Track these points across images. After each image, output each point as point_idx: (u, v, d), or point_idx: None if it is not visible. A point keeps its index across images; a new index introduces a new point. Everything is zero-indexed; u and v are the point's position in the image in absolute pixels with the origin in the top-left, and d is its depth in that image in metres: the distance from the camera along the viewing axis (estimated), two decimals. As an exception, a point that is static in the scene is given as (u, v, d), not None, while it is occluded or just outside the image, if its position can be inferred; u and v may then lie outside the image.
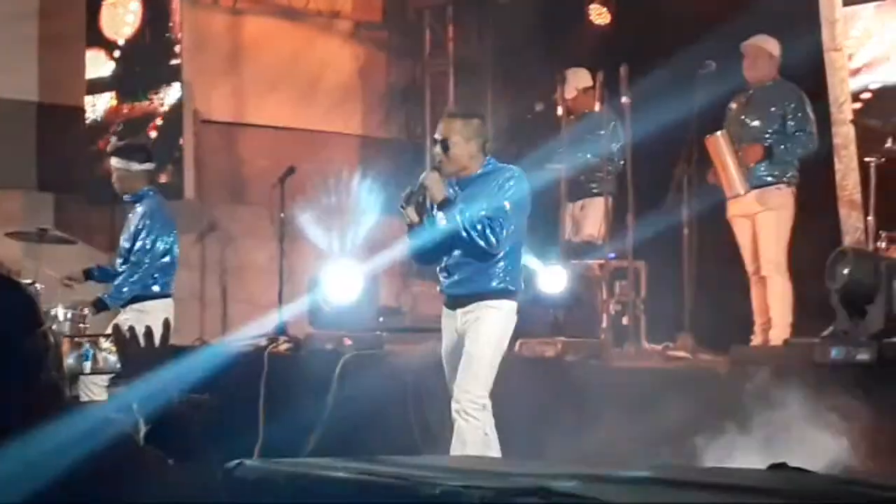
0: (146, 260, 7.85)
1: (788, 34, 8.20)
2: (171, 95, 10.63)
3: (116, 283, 7.89)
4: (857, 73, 8.44)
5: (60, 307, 7.77)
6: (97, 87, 11.01)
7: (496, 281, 6.22)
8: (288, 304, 9.49)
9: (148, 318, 7.23)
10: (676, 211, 8.20)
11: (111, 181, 8.02)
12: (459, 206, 6.19)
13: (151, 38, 10.72)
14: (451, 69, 12.23)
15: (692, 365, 7.56)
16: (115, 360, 3.16)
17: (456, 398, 6.15)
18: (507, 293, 6.24)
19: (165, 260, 7.95)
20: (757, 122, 8.13)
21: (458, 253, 6.26)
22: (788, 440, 5.94)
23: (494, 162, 6.39)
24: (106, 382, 7.25)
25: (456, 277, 6.29)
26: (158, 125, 10.66)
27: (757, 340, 8.01)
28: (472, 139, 6.32)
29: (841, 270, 6.58)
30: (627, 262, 8.63)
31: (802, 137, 8.02)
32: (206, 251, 11.05)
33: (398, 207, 6.44)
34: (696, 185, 8.17)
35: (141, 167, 7.97)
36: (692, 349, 7.89)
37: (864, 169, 7.87)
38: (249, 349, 8.82)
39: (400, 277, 11.65)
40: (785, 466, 4.75)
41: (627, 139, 8.79)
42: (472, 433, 6.07)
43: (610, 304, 8.49)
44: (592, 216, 9.32)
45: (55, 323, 7.52)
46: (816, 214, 8.45)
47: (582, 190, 9.42)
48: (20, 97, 10.85)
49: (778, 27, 8.21)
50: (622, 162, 8.99)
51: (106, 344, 3.23)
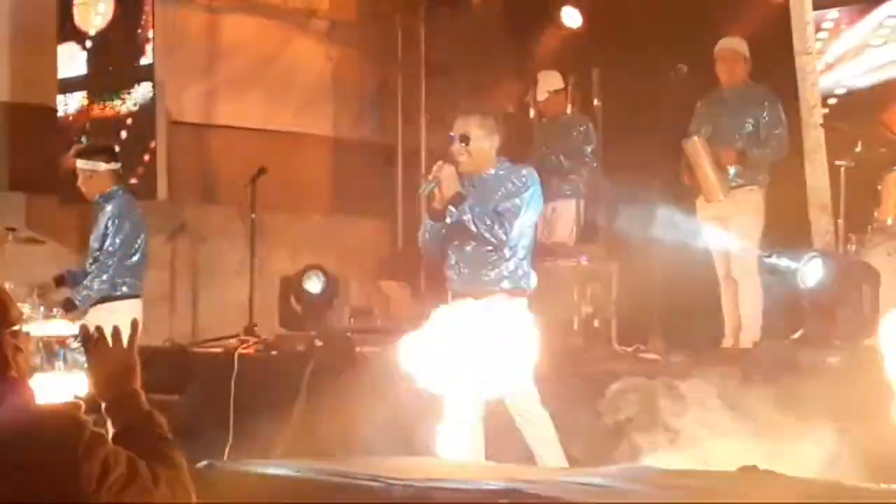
0: (114, 260, 7.81)
1: (759, 37, 8.23)
2: (143, 95, 10.58)
3: (85, 282, 7.84)
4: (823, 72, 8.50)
5: (28, 307, 7.72)
6: (69, 86, 10.95)
7: (509, 279, 6.24)
8: (258, 304, 9.48)
9: (116, 318, 7.13)
10: (648, 213, 8.20)
11: (77, 184, 7.99)
12: (470, 201, 6.18)
13: (124, 35, 10.67)
14: (422, 70, 12.23)
15: (659, 366, 7.56)
16: (84, 359, 3.14)
17: (514, 403, 6.15)
18: (520, 291, 6.26)
19: (135, 260, 7.91)
20: (730, 124, 8.14)
21: (469, 248, 6.25)
22: (759, 442, 5.96)
23: (508, 164, 6.39)
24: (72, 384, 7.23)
25: (468, 273, 6.28)
26: (130, 125, 10.61)
27: (727, 343, 8.02)
28: (490, 136, 6.33)
29: (811, 273, 6.60)
30: (599, 264, 8.64)
31: (773, 141, 8.04)
32: (176, 251, 11.01)
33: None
34: (667, 187, 8.18)
35: (107, 167, 7.93)
36: (663, 351, 7.91)
37: (834, 172, 7.91)
38: (219, 350, 8.80)
39: (371, 278, 11.63)
40: (755, 469, 4.77)
41: (599, 141, 8.81)
42: (543, 430, 6.15)
43: (581, 306, 8.49)
44: (564, 218, 9.33)
45: (25, 323, 7.47)
46: (787, 217, 8.48)
47: (554, 192, 9.41)
48: (-9, 97, 10.80)
49: (748, 30, 8.24)
50: (594, 164, 9.01)
51: (75, 344, 3.23)
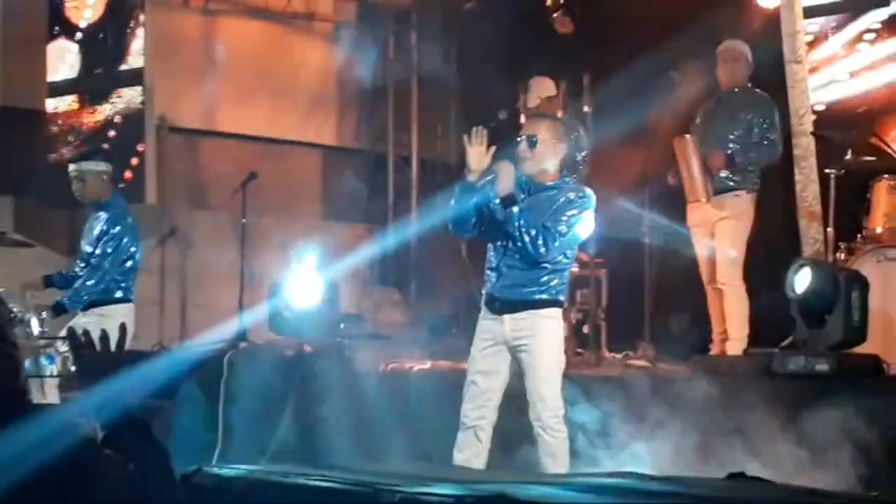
0: (107, 264, 7.81)
1: (750, 45, 8.24)
2: (132, 99, 10.58)
3: (76, 286, 7.84)
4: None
5: (18, 310, 7.70)
6: (59, 90, 10.96)
7: (548, 292, 6.16)
8: (248, 309, 9.47)
9: (108, 322, 7.18)
10: (638, 219, 8.21)
11: (72, 189, 7.99)
12: (521, 206, 6.08)
13: (114, 36, 10.68)
14: (414, 77, 12.25)
15: (652, 374, 7.57)
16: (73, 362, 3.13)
17: (538, 417, 6.08)
18: (555, 303, 6.19)
19: (128, 265, 7.91)
20: (723, 126, 8.12)
21: (513, 256, 6.17)
22: (747, 450, 5.97)
23: (570, 181, 6.32)
24: (58, 386, 7.21)
25: (507, 281, 6.18)
26: (119, 129, 10.62)
27: (714, 351, 8.02)
28: (559, 142, 6.25)
29: (800, 281, 6.61)
30: (589, 270, 8.65)
31: (765, 147, 8.01)
32: (166, 256, 11.00)
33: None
34: (657, 193, 8.18)
35: (99, 173, 7.93)
36: (652, 358, 7.91)
37: (823, 180, 7.92)
38: (209, 355, 8.79)
39: (361, 284, 11.64)
40: (743, 476, 4.78)
41: (590, 147, 8.81)
42: (560, 446, 6.08)
43: (571, 312, 8.49)
44: (554, 224, 9.32)
45: (15, 325, 7.45)
46: (776, 225, 8.50)
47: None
48: (-20, 100, 10.80)
49: (739, 38, 8.25)
50: (585, 170, 9.00)
51: (64, 347, 3.22)
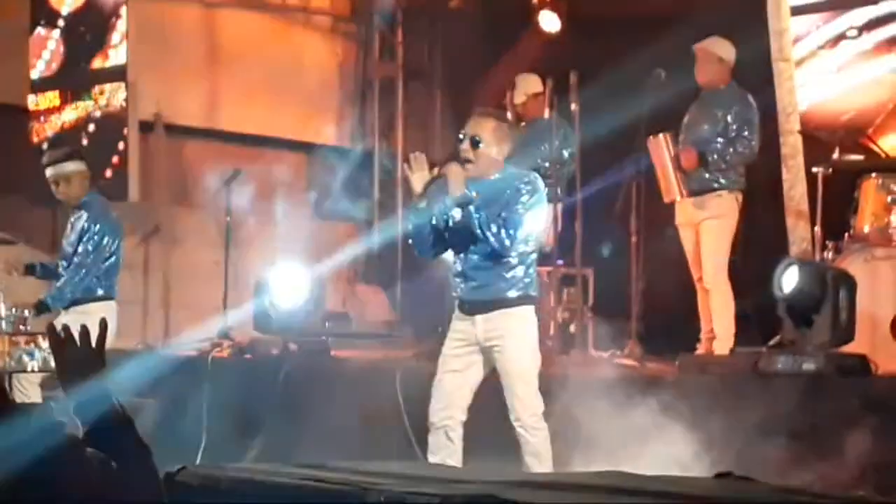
0: (89, 262, 7.78)
1: (738, 43, 8.22)
2: (115, 96, 10.53)
3: (59, 284, 7.82)
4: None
5: (3, 308, 7.65)
6: (40, 85, 10.90)
7: (516, 288, 6.11)
8: (233, 308, 9.43)
9: (90, 320, 7.07)
10: (625, 218, 8.20)
11: (53, 190, 7.95)
12: (476, 204, 6.02)
13: (96, 31, 10.63)
14: (400, 74, 12.22)
15: (639, 373, 7.55)
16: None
17: (518, 418, 6.03)
18: (528, 299, 6.15)
19: (109, 262, 7.88)
20: (704, 126, 8.12)
21: (475, 257, 6.13)
22: (734, 449, 5.95)
23: (513, 168, 6.26)
24: (38, 380, 7.17)
25: (475, 283, 6.15)
26: (102, 125, 10.56)
27: (701, 349, 8.01)
28: (502, 143, 6.20)
29: (788, 280, 6.59)
30: (576, 268, 8.63)
31: (738, 143, 7.96)
32: (149, 254, 10.95)
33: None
34: (644, 192, 8.17)
35: (76, 172, 7.89)
36: (640, 357, 7.89)
37: (811, 179, 7.90)
38: (193, 353, 8.75)
39: (346, 282, 11.60)
40: (731, 475, 4.75)
41: (577, 145, 8.79)
42: (542, 444, 6.03)
43: (557, 311, 8.47)
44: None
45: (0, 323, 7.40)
46: (763, 224, 8.49)
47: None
48: (-39, 97, 10.73)
49: (727, 35, 8.23)
50: (571, 168, 8.99)
51: (45, 343, 3.18)
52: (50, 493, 2.57)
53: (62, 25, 10.79)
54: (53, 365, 2.95)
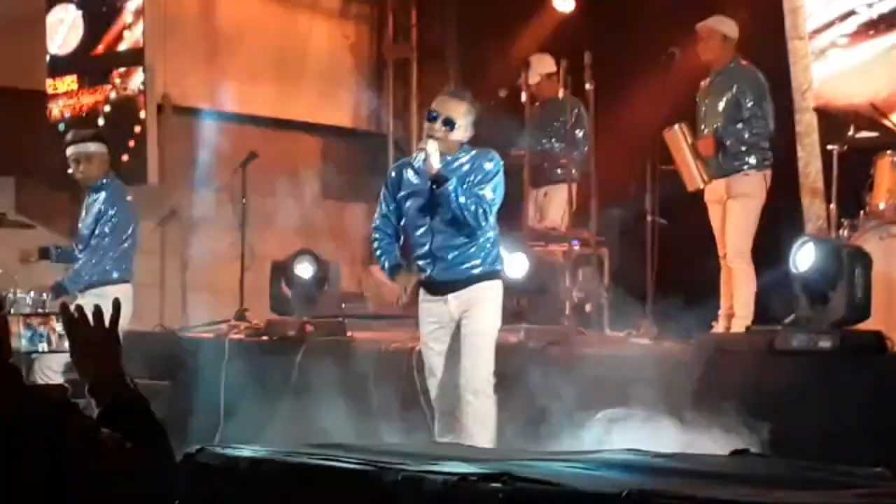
0: (106, 245, 7.82)
1: (752, 21, 8.19)
2: (133, 80, 10.54)
3: (76, 267, 7.87)
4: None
5: (19, 291, 7.69)
6: (58, 69, 10.91)
7: (484, 264, 6.30)
8: (249, 290, 9.45)
9: (106, 303, 7.15)
10: (640, 198, 8.18)
11: (71, 171, 7.98)
12: (453, 182, 6.16)
13: (112, 15, 10.63)
14: (414, 56, 12.21)
15: (655, 352, 7.55)
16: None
17: (468, 381, 6.19)
18: (495, 274, 6.36)
19: (126, 246, 7.92)
20: (717, 107, 8.10)
21: (441, 238, 6.24)
22: (750, 426, 5.95)
23: (473, 148, 6.40)
24: (62, 367, 7.20)
25: (443, 263, 6.28)
26: (119, 109, 10.57)
27: (719, 327, 8.01)
28: (468, 127, 6.34)
29: (803, 258, 6.58)
30: (591, 249, 8.63)
31: (754, 122, 7.95)
32: (166, 237, 10.98)
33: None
34: (659, 171, 8.15)
35: (97, 153, 7.93)
36: (655, 336, 7.89)
37: (826, 157, 7.88)
38: (210, 336, 8.78)
39: (361, 264, 11.61)
40: (747, 452, 4.77)
41: (591, 126, 8.78)
42: (488, 412, 6.19)
43: (573, 291, 8.47)
44: (556, 203, 9.32)
45: (13, 306, 7.44)
46: (779, 202, 8.47)
47: (546, 177, 9.42)
48: (-21, 81, 10.75)
49: (742, 13, 8.20)
50: (586, 149, 8.99)
51: (58, 324, 3.19)
52: (64, 474, 2.58)
53: (79, 2, 10.80)
54: (67, 345, 2.96)
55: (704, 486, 3.67)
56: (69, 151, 7.97)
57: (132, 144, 10.43)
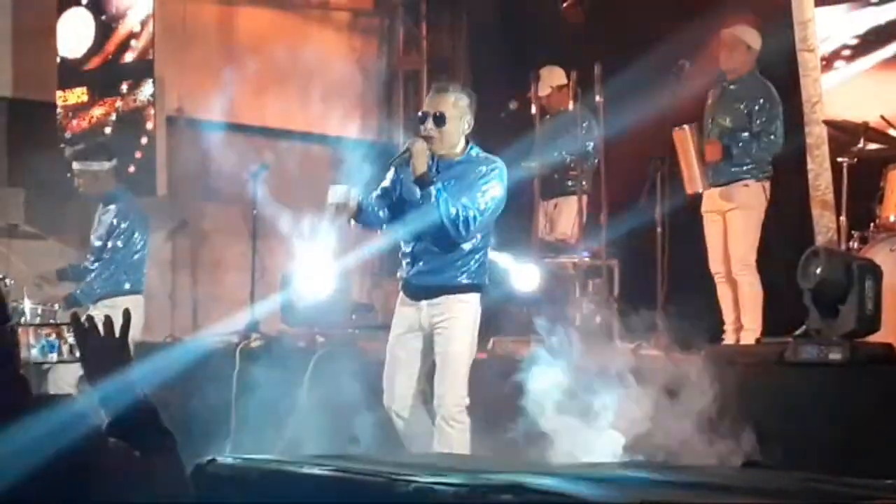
0: (118, 257, 7.86)
1: (762, 32, 8.20)
2: (142, 91, 10.56)
3: (88, 279, 7.91)
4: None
5: (30, 302, 7.72)
6: (69, 81, 10.94)
7: (465, 275, 6.01)
8: (260, 301, 9.45)
9: (117, 314, 7.17)
10: (650, 210, 8.19)
11: (76, 184, 8.01)
12: (438, 185, 5.91)
13: (123, 27, 10.66)
14: (424, 67, 12.23)
15: (665, 364, 7.54)
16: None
17: (441, 407, 5.96)
18: (475, 288, 6.05)
19: (138, 257, 7.97)
20: (727, 117, 8.11)
21: (425, 241, 6.04)
22: (761, 439, 5.95)
23: (478, 150, 6.12)
24: (76, 380, 7.21)
25: (423, 267, 6.04)
26: (129, 120, 10.59)
27: (729, 340, 8.01)
28: (463, 117, 6.06)
29: (814, 270, 6.57)
30: (601, 260, 8.63)
31: (764, 138, 7.96)
32: (177, 248, 11.00)
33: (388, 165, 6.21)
34: (669, 183, 8.16)
35: (105, 167, 7.96)
36: (665, 348, 7.88)
37: (836, 169, 7.88)
38: (221, 346, 8.79)
39: (371, 275, 11.62)
40: (758, 465, 4.77)
41: (601, 137, 8.79)
42: (460, 438, 5.94)
43: (583, 302, 8.47)
44: (566, 214, 9.33)
45: (23, 318, 7.46)
46: (789, 214, 8.47)
47: (556, 188, 9.42)
48: (-8, 93, 10.79)
49: (751, 25, 8.21)
50: (596, 160, 9.00)
51: (69, 334, 3.19)
52: (74, 484, 2.59)
53: (87, 3, 10.82)
54: (77, 355, 2.96)
55: (715, 498, 3.67)
56: (73, 166, 8.01)
57: (139, 156, 10.45)
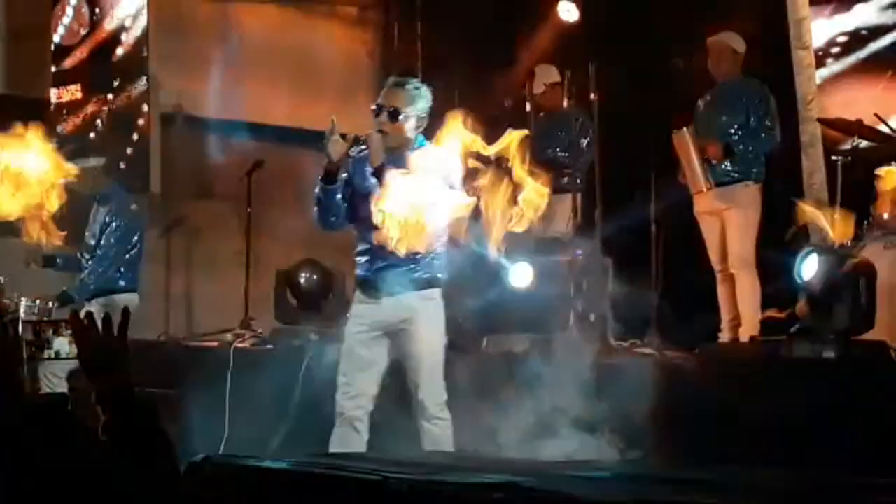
0: (112, 254, 7.85)
1: (756, 31, 8.22)
2: (135, 88, 10.55)
3: (82, 276, 7.90)
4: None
5: (25, 299, 7.71)
6: (63, 79, 10.93)
7: (425, 270, 5.87)
8: (254, 298, 9.46)
9: (113, 311, 7.18)
10: (644, 207, 8.20)
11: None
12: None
13: (117, 23, 10.65)
14: (418, 65, 12.22)
15: (659, 362, 7.55)
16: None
17: (424, 409, 5.86)
18: (436, 282, 5.93)
19: (132, 255, 7.96)
20: (723, 118, 8.15)
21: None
22: (755, 437, 5.96)
23: (430, 143, 5.93)
24: (65, 374, 7.20)
25: (383, 262, 5.85)
26: (117, 117, 10.59)
27: (725, 338, 8.02)
28: (419, 113, 5.93)
29: (808, 268, 6.59)
30: (594, 258, 8.62)
31: (764, 135, 8.02)
32: (172, 245, 10.99)
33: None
34: (663, 182, 8.18)
35: (98, 165, 7.96)
36: (659, 346, 7.89)
37: (830, 167, 7.90)
38: (215, 344, 8.79)
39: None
40: (753, 463, 4.77)
41: (595, 135, 8.80)
42: (444, 434, 5.87)
43: (576, 300, 8.47)
44: (560, 212, 9.31)
45: (15, 314, 7.44)
46: (783, 212, 8.47)
47: (550, 186, 9.41)
48: (-15, 89, 10.79)
49: (745, 24, 8.23)
50: (590, 158, 9.00)
51: (66, 331, 3.17)
52: (68, 482, 2.60)
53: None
54: (75, 353, 2.96)
55: (709, 497, 3.68)
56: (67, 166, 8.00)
57: (130, 153, 10.43)
